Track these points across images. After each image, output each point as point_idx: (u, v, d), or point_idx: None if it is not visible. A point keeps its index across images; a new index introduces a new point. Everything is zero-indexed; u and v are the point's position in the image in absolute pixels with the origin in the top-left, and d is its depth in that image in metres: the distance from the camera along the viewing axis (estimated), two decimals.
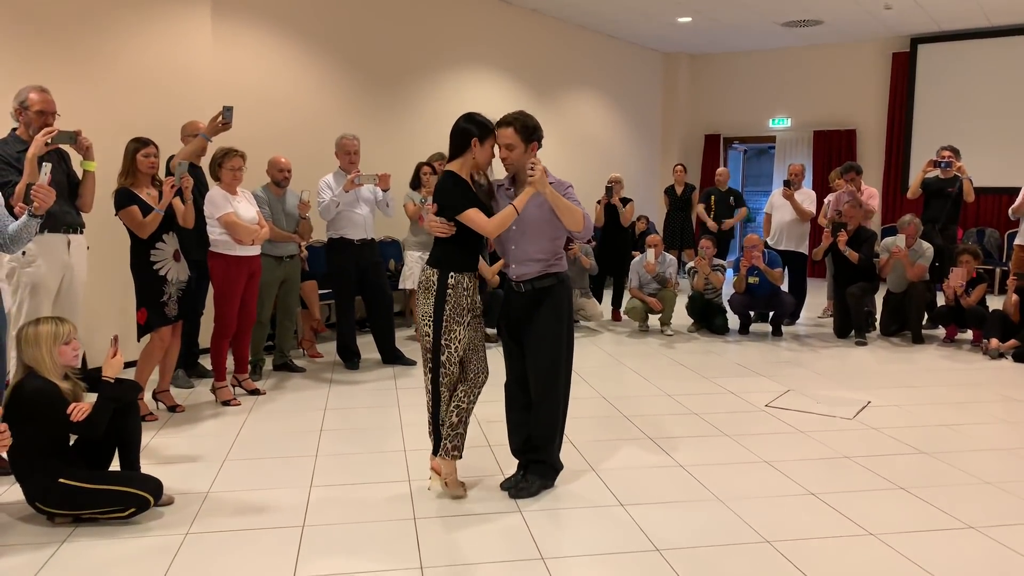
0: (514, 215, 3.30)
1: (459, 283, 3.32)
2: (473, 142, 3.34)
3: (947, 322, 7.01)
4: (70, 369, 3.20)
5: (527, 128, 3.33)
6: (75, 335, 3.19)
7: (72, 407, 3.06)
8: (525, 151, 3.34)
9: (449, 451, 3.40)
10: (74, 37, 5.40)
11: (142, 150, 4.43)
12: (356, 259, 5.75)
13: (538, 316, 3.42)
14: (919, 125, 11.17)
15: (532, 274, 3.42)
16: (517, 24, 9.70)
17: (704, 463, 3.93)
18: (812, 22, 10.41)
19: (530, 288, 3.42)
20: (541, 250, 3.42)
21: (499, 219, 3.30)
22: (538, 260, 3.42)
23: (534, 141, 3.36)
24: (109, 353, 3.25)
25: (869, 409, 4.89)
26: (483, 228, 3.30)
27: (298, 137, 7.09)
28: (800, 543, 3.05)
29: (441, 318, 3.30)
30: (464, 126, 3.36)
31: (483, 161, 3.39)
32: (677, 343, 6.95)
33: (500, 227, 3.31)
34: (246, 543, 3.03)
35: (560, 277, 3.47)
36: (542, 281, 3.42)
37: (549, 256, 3.43)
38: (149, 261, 4.47)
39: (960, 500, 3.48)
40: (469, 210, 3.29)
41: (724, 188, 9.16)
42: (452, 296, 3.30)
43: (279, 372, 5.74)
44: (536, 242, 3.41)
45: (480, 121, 3.36)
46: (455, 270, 3.32)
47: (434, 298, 3.31)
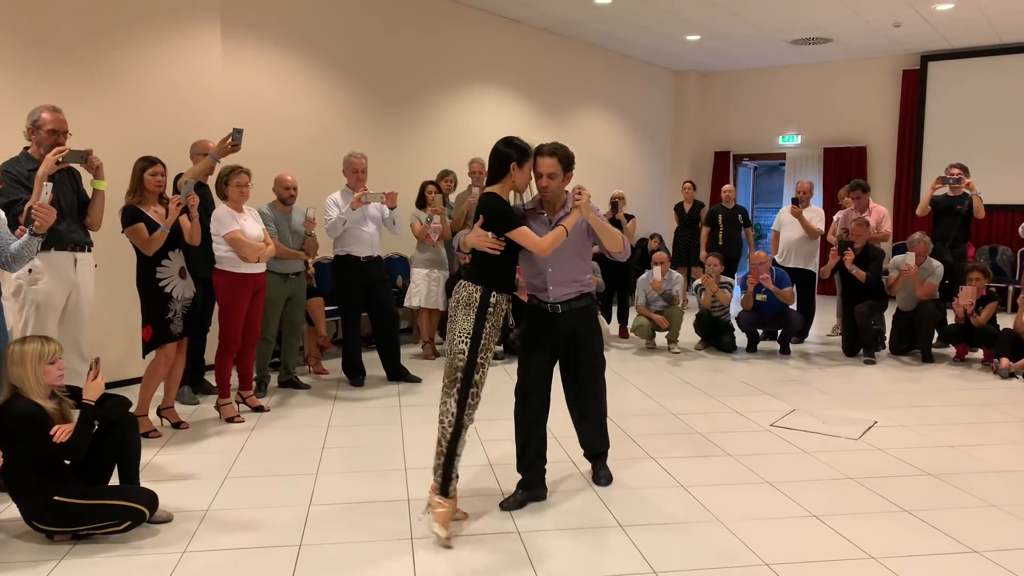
0: (564, 236, 3.43)
1: (499, 303, 3.34)
2: (512, 166, 3.41)
3: (957, 341, 6.94)
4: (57, 388, 3.22)
5: (567, 159, 3.56)
6: (60, 354, 3.21)
7: (55, 429, 3.07)
8: (563, 179, 3.55)
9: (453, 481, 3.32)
10: (85, 57, 5.48)
11: (149, 168, 4.48)
12: (362, 276, 5.77)
13: (587, 333, 3.69)
14: (930, 142, 11.12)
15: (571, 294, 3.63)
16: (527, 42, 9.77)
17: (706, 483, 3.90)
18: (821, 40, 10.42)
19: (567, 308, 3.62)
20: (576, 271, 3.63)
21: (551, 238, 3.41)
22: (575, 281, 3.64)
23: (570, 171, 3.57)
24: (90, 376, 3.26)
25: (876, 429, 4.85)
26: (537, 245, 3.38)
27: (305, 155, 7.15)
28: (799, 566, 3.02)
29: (480, 336, 3.27)
30: (504, 150, 3.43)
31: (521, 184, 3.49)
32: (684, 361, 6.92)
33: (552, 246, 3.41)
34: (243, 561, 3.04)
35: (592, 296, 3.74)
36: (579, 301, 3.65)
37: (583, 276, 3.67)
38: (155, 278, 4.51)
39: (965, 524, 3.43)
40: (523, 227, 3.38)
41: (731, 206, 9.12)
42: (492, 315, 3.31)
43: (284, 389, 5.76)
44: (572, 263, 3.61)
45: (519, 146, 3.45)
46: (497, 290, 3.33)
47: (475, 315, 3.27)
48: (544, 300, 3.64)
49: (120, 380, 5.70)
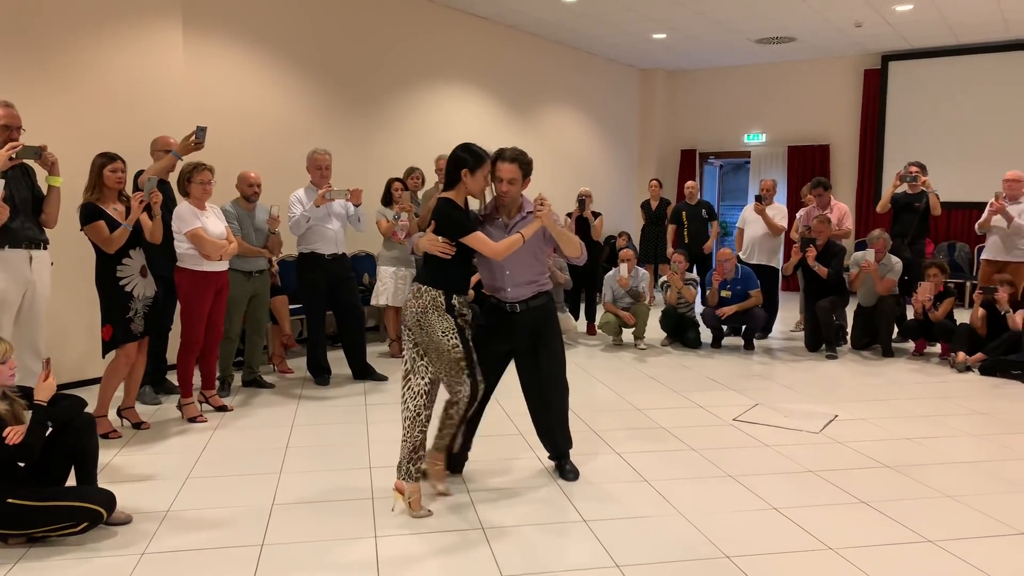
0: (520, 243, 3.52)
1: (461, 304, 3.49)
2: (464, 173, 3.48)
3: (916, 336, 7.08)
4: (8, 389, 3.16)
5: (527, 165, 3.61)
6: (11, 354, 3.15)
7: (7, 431, 3.01)
8: (522, 185, 3.61)
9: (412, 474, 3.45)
10: (41, 51, 5.37)
11: (109, 165, 4.41)
12: (327, 274, 5.73)
13: (545, 330, 3.75)
14: (890, 140, 11.33)
15: (528, 295, 3.70)
16: (494, 40, 9.76)
17: (669, 478, 3.94)
18: (785, 39, 10.55)
19: (525, 308, 3.71)
20: (534, 272, 3.71)
21: (507, 244, 3.50)
22: (532, 282, 3.71)
23: (529, 176, 3.64)
24: (41, 376, 3.21)
25: (836, 423, 4.93)
26: (493, 250, 3.48)
27: (269, 152, 7.08)
28: (759, 558, 3.06)
29: (461, 328, 3.46)
30: (459, 156, 3.53)
31: (475, 190, 3.55)
32: (650, 357, 6.97)
33: (507, 251, 3.50)
34: (203, 562, 3.00)
35: (549, 295, 3.81)
36: (536, 300, 3.73)
37: (540, 277, 3.75)
38: (115, 277, 4.44)
39: (920, 514, 3.51)
40: (478, 232, 3.48)
41: (694, 202, 9.18)
42: (460, 314, 3.47)
43: (248, 388, 5.70)
44: (529, 265, 3.69)
45: (475, 152, 3.52)
46: (456, 292, 3.48)
47: (447, 312, 3.43)
48: (503, 300, 3.72)
49: (80, 380, 5.60)
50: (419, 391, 3.45)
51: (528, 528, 3.33)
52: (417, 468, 3.45)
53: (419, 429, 3.43)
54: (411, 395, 3.46)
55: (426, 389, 3.45)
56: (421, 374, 3.45)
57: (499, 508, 3.54)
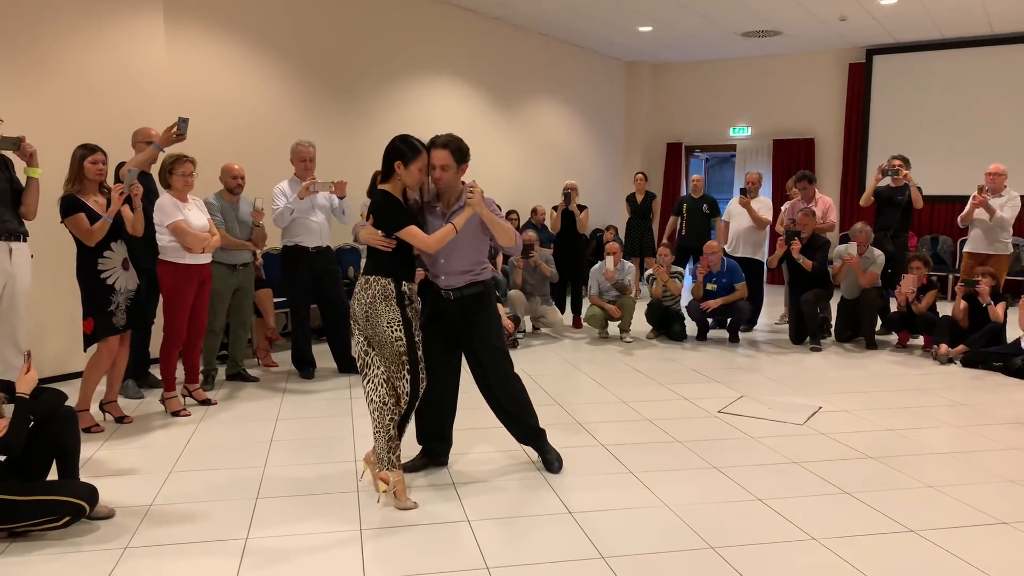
0: (452, 234, 3.51)
1: (412, 290, 3.52)
2: (397, 165, 3.46)
3: (899, 328, 7.14)
4: None
5: (460, 151, 3.55)
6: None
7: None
8: (457, 171, 3.56)
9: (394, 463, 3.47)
10: (19, 40, 5.30)
11: (89, 156, 4.35)
12: (311, 267, 5.70)
13: (476, 318, 3.71)
14: (875, 134, 11.39)
15: (461, 284, 3.69)
16: (479, 31, 9.72)
17: (654, 469, 3.95)
18: (771, 32, 10.58)
19: (459, 296, 3.70)
20: (468, 262, 3.68)
21: (439, 236, 3.49)
22: (466, 272, 3.69)
23: (465, 162, 3.58)
24: (22, 369, 3.18)
25: (820, 415, 4.96)
26: (424, 244, 3.47)
27: (253, 144, 7.03)
28: (743, 549, 3.07)
29: (408, 319, 3.46)
30: (394, 146, 3.48)
31: (411, 182, 3.51)
32: (635, 350, 6.99)
33: (439, 244, 3.50)
34: (186, 557, 2.98)
35: (487, 284, 3.76)
36: (470, 289, 3.70)
37: (475, 267, 3.71)
38: (96, 270, 4.39)
39: (902, 504, 3.54)
40: (410, 227, 3.45)
41: (698, 195, 8.96)
42: (409, 303, 3.49)
43: (232, 382, 5.67)
44: (464, 256, 3.66)
45: (409, 143, 3.48)
46: (406, 280, 3.50)
47: (395, 304, 3.42)
48: (439, 286, 3.75)
49: (61, 375, 5.55)
50: (379, 381, 3.45)
51: (514, 520, 3.33)
52: (397, 456, 3.45)
53: (389, 418, 3.43)
54: (372, 387, 3.45)
55: (384, 378, 3.45)
56: (376, 364, 3.46)
57: (485, 500, 3.54)
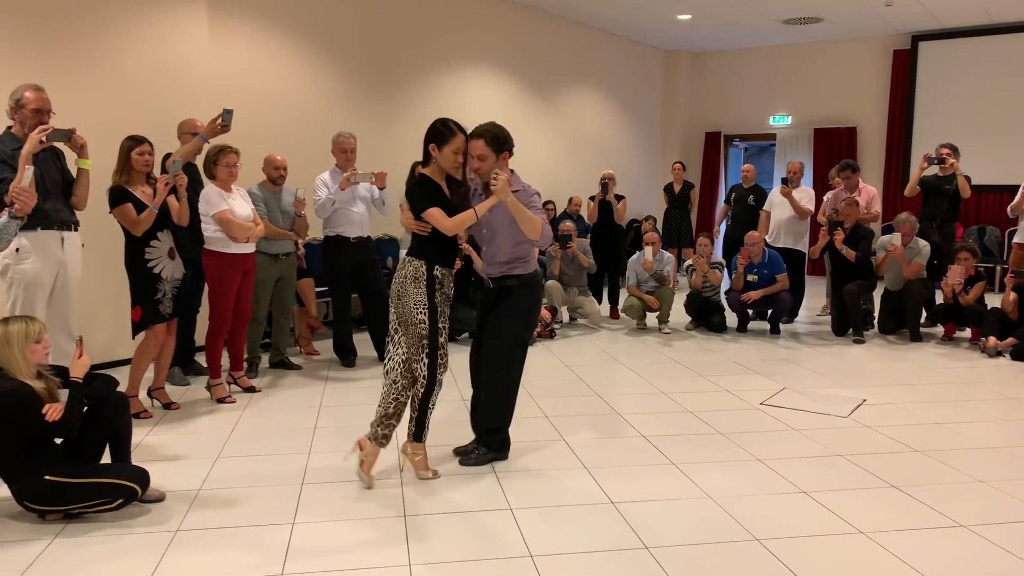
0: (473, 219, 3.50)
1: (444, 275, 3.54)
2: (431, 148, 3.49)
3: (945, 320, 6.99)
4: (42, 367, 3.20)
5: (497, 140, 3.51)
6: (45, 333, 3.19)
7: (47, 407, 3.06)
8: (496, 161, 3.51)
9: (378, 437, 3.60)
10: (69, 35, 5.41)
11: (137, 148, 4.43)
12: (352, 257, 5.75)
13: (497, 310, 3.72)
14: (920, 123, 11.14)
15: (496, 274, 3.71)
16: (516, 21, 9.69)
17: (696, 461, 3.92)
18: (812, 19, 10.39)
19: (496, 286, 3.73)
20: (505, 254, 3.67)
21: (457, 220, 3.47)
22: (502, 263, 3.69)
23: (505, 151, 3.54)
24: (75, 354, 3.26)
25: (864, 407, 4.88)
26: (443, 226, 3.46)
27: (295, 135, 7.09)
28: (789, 541, 3.04)
29: (435, 305, 3.49)
30: (430, 129, 3.51)
31: (447, 165, 3.50)
32: (674, 341, 6.94)
33: (457, 227, 3.48)
34: (235, 540, 3.04)
35: (523, 280, 3.71)
36: (505, 281, 3.70)
37: (512, 260, 3.68)
38: (143, 259, 4.48)
39: (952, 499, 3.47)
40: (431, 208, 3.46)
41: (748, 186, 8.68)
42: (440, 287, 3.52)
43: (275, 369, 5.75)
44: (502, 246, 3.67)
45: (446, 125, 3.48)
46: (439, 264, 3.52)
47: (425, 287, 3.47)
48: (484, 274, 3.81)
49: (109, 361, 5.67)
50: (397, 362, 3.54)
51: (556, 509, 3.34)
52: (385, 435, 3.57)
53: (393, 397, 3.55)
54: (392, 365, 3.58)
55: (404, 358, 3.53)
56: (400, 343, 3.55)
57: (527, 488, 3.55)
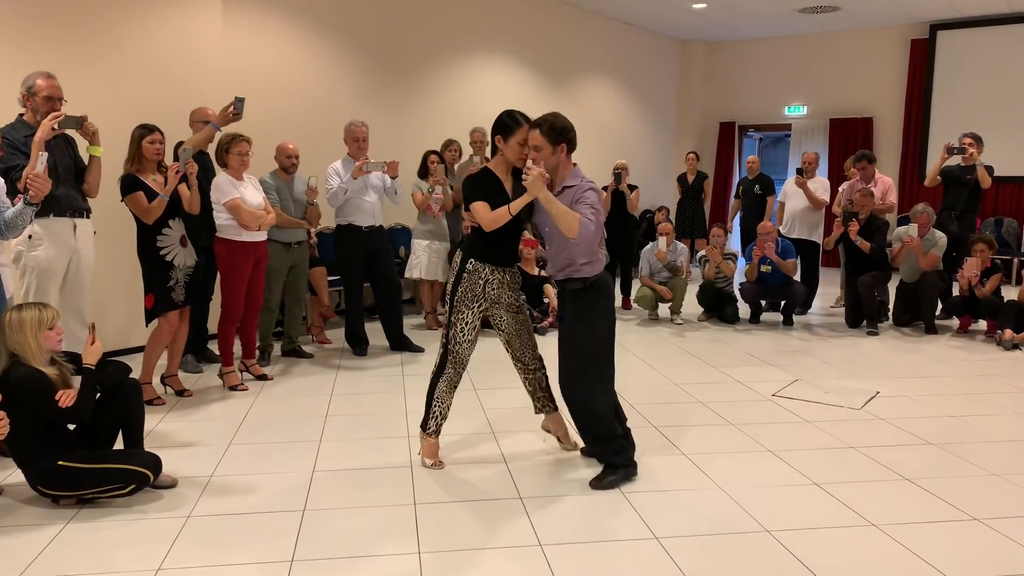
0: (506, 215, 3.36)
1: (477, 270, 3.50)
2: (497, 140, 3.46)
3: (961, 312, 6.92)
4: (55, 353, 3.22)
5: (554, 130, 3.27)
6: (58, 320, 3.20)
7: (60, 394, 3.08)
8: (554, 153, 3.29)
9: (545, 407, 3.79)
10: (81, 22, 5.42)
11: (148, 136, 4.44)
12: (364, 246, 5.75)
13: (567, 318, 3.49)
14: (937, 113, 11.01)
15: (561, 276, 3.49)
16: (531, 10, 9.64)
17: (707, 451, 3.91)
18: (829, 8, 10.28)
19: (562, 289, 3.52)
20: (566, 253, 3.41)
21: (493, 215, 3.39)
22: (564, 263, 3.45)
23: (563, 143, 3.30)
24: (87, 340, 3.27)
25: (878, 399, 4.85)
26: (482, 220, 3.42)
27: (307, 123, 7.09)
28: (801, 533, 3.03)
29: (454, 298, 3.52)
30: (496, 121, 3.46)
31: (513, 158, 3.44)
32: (687, 331, 6.91)
33: (492, 223, 3.39)
34: (246, 526, 3.05)
35: (587, 282, 3.40)
36: (571, 284, 3.45)
37: (574, 259, 3.40)
38: (155, 247, 4.49)
39: (966, 492, 3.44)
40: (475, 202, 3.42)
41: (752, 176, 8.70)
42: (467, 280, 3.50)
43: (287, 357, 5.77)
44: (561, 246, 3.40)
45: (506, 119, 3.43)
46: (475, 257, 3.51)
47: (454, 278, 3.54)
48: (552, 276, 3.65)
49: (123, 348, 5.71)
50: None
51: (565, 498, 3.33)
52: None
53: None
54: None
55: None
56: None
57: (536, 478, 3.55)
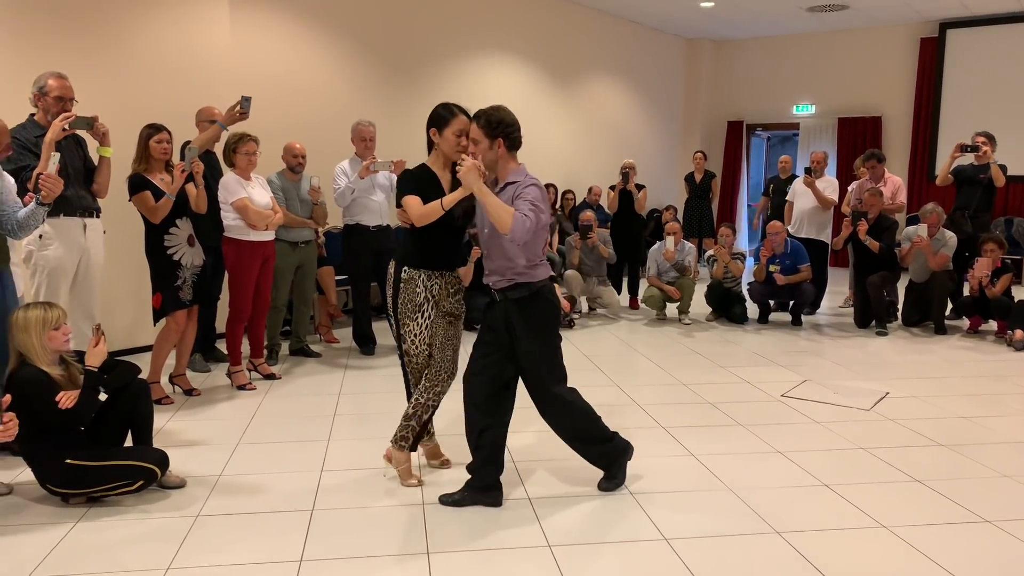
0: (439, 211, 3.12)
1: (412, 279, 3.26)
2: (432, 133, 3.30)
3: (971, 312, 6.88)
4: (65, 353, 3.22)
5: (491, 123, 3.08)
6: (65, 320, 3.20)
7: (61, 395, 3.08)
8: (491, 147, 3.10)
9: (397, 440, 3.41)
10: (91, 23, 5.43)
11: (155, 136, 4.45)
12: (371, 245, 5.75)
13: (520, 332, 3.15)
14: (947, 112, 10.95)
15: (501, 284, 3.17)
16: (538, 9, 9.63)
17: (716, 453, 3.89)
18: (838, 7, 10.23)
19: (503, 297, 3.18)
20: (507, 257, 3.13)
21: (424, 209, 3.14)
22: (505, 268, 3.15)
23: (499, 137, 3.09)
24: (91, 342, 3.27)
25: (887, 400, 4.82)
26: (412, 215, 3.16)
27: (314, 123, 7.10)
28: (810, 534, 3.01)
29: (396, 309, 3.31)
30: (431, 114, 3.30)
31: (449, 150, 3.26)
32: (695, 332, 6.89)
33: (423, 217, 3.14)
34: (255, 526, 3.06)
35: (533, 288, 3.15)
36: (514, 292, 3.15)
37: (513, 262, 3.13)
38: (163, 246, 4.50)
39: (977, 494, 3.42)
40: (408, 196, 3.19)
41: (785, 176, 8.55)
42: (405, 290, 3.27)
43: (295, 357, 5.77)
44: (499, 248, 3.14)
45: (441, 111, 3.28)
46: (409, 265, 3.28)
47: (391, 290, 3.32)
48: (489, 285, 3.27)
49: (130, 348, 5.72)
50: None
51: (573, 499, 3.32)
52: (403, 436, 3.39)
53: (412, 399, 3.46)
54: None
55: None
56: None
57: (544, 479, 3.54)
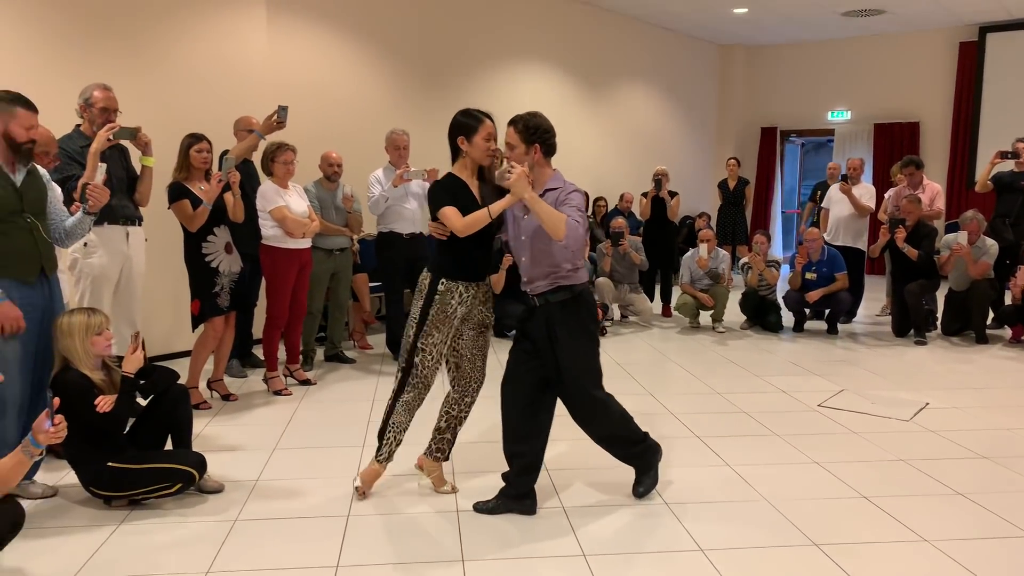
0: (487, 218, 3.12)
1: (449, 290, 3.24)
2: (460, 142, 3.24)
3: (1013, 322, 6.73)
4: (107, 358, 3.29)
5: (528, 129, 3.10)
6: (107, 325, 3.27)
7: (99, 399, 3.13)
8: (527, 152, 3.12)
9: (433, 453, 3.50)
10: (133, 34, 5.56)
11: (195, 145, 4.54)
12: (405, 253, 5.79)
13: (562, 333, 3.18)
14: (986, 118, 10.75)
15: (543, 288, 3.20)
16: (570, 16, 9.64)
17: (752, 463, 3.85)
18: (873, 11, 10.11)
19: (544, 302, 3.21)
20: (549, 261, 3.16)
21: (470, 219, 3.13)
22: (547, 271, 3.18)
23: (536, 143, 3.12)
24: (129, 349, 3.33)
25: (927, 411, 4.74)
26: (454, 226, 3.14)
27: (350, 132, 7.17)
28: (850, 547, 2.97)
29: (424, 321, 3.26)
30: (453, 123, 3.25)
31: (479, 156, 3.23)
32: (728, 340, 6.83)
33: (469, 227, 3.13)
34: (292, 531, 3.09)
35: (575, 291, 3.20)
36: (556, 295, 3.19)
37: (558, 268, 3.17)
38: (201, 253, 4.58)
39: (1021, 507, 3.34)
40: (445, 207, 3.16)
41: (832, 182, 8.37)
42: (439, 302, 3.24)
43: (330, 363, 5.83)
44: (542, 253, 3.17)
45: (463, 118, 3.23)
46: (446, 277, 3.26)
47: (423, 302, 3.27)
48: (528, 291, 3.29)
49: (168, 353, 5.82)
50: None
51: (607, 508, 3.31)
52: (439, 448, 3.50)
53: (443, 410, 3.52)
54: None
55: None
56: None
57: (577, 487, 3.53)
